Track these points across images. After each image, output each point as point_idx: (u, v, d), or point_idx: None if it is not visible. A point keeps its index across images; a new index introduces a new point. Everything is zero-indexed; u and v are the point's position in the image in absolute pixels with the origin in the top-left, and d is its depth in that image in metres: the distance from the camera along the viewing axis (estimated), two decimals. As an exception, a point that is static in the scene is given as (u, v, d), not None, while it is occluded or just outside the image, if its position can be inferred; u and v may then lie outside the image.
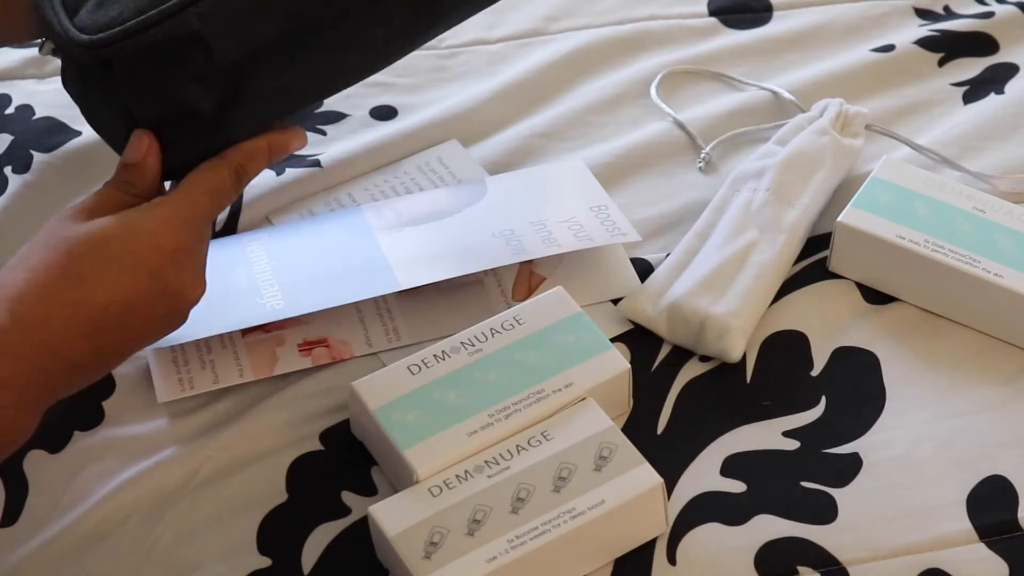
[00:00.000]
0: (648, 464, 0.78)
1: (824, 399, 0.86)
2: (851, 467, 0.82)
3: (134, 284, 0.71)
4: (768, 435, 0.84)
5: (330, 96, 0.81)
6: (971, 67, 1.08)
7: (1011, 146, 1.01)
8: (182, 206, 0.74)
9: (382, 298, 0.91)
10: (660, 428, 0.85)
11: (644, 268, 0.93)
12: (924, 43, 1.09)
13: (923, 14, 1.13)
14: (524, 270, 0.93)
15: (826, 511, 0.80)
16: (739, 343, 0.87)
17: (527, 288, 0.92)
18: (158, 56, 0.73)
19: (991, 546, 0.79)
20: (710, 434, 0.84)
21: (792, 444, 0.84)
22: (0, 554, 0.80)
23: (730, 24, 1.12)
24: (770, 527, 0.79)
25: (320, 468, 0.83)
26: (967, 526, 0.79)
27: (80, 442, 0.84)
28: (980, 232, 0.90)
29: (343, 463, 0.83)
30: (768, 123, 1.03)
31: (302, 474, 0.83)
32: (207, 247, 0.77)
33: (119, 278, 0.71)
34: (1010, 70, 1.07)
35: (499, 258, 0.90)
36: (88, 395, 0.86)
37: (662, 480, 0.77)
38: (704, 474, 0.82)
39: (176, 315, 0.75)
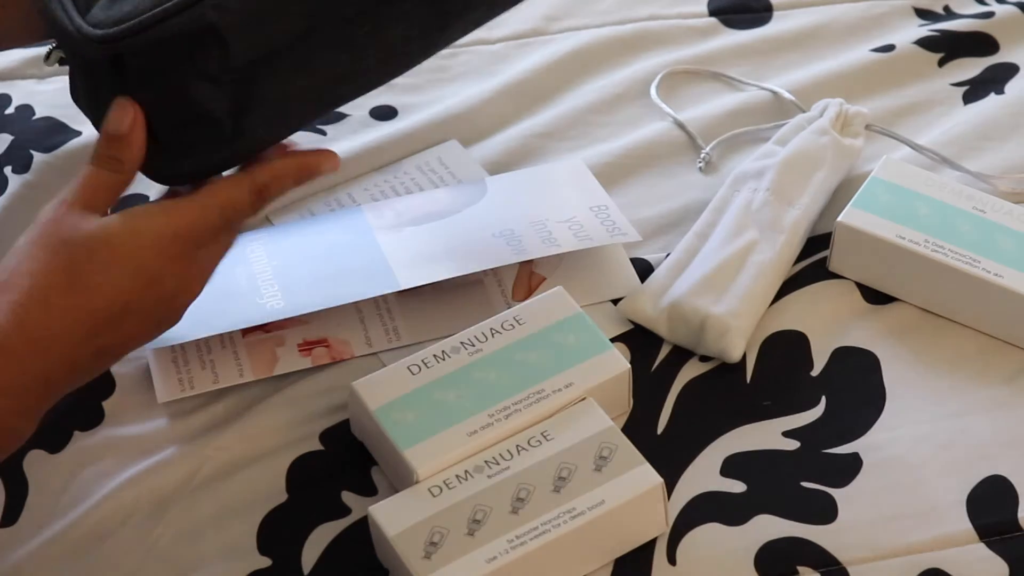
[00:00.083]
0: (648, 464, 0.78)
1: (824, 399, 0.86)
2: (851, 467, 0.82)
3: (134, 288, 0.72)
4: (768, 435, 0.84)
5: (346, 102, 0.79)
6: (971, 67, 1.08)
7: (1011, 146, 1.00)
8: (189, 213, 0.73)
9: (382, 298, 0.91)
10: (660, 428, 0.85)
11: (644, 268, 0.93)
12: (924, 43, 1.09)
13: (923, 14, 1.13)
14: (524, 270, 0.93)
15: (826, 511, 0.80)
16: (739, 343, 0.87)
17: (527, 288, 0.92)
18: (171, 51, 0.72)
19: (991, 546, 0.79)
20: (710, 434, 0.84)
21: (792, 444, 0.84)
22: (0, 554, 0.80)
23: (730, 24, 1.12)
24: (770, 527, 0.79)
25: (320, 468, 0.83)
26: (967, 526, 0.79)
27: (80, 442, 0.84)
28: (980, 232, 0.90)
29: (343, 463, 0.83)
30: (768, 123, 1.03)
31: (302, 474, 0.83)
32: (216, 254, 0.76)
33: (120, 282, 0.71)
34: (1010, 70, 1.07)
35: (499, 258, 0.90)
36: (88, 395, 0.86)
37: (662, 480, 0.77)
38: (704, 474, 0.82)
39: (172, 316, 0.75)
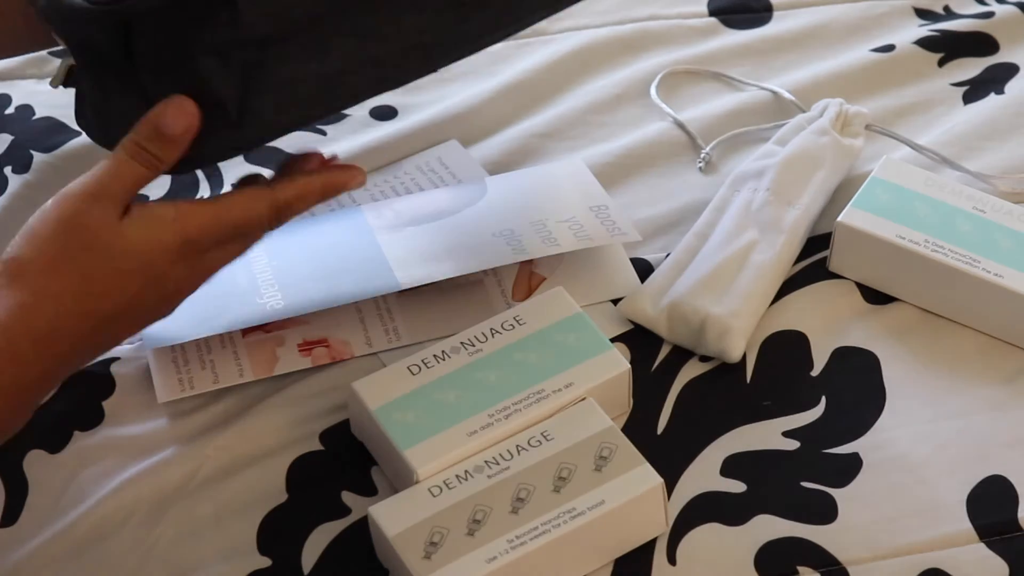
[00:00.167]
0: (648, 464, 0.78)
1: (824, 399, 0.86)
2: (851, 467, 0.82)
3: (140, 292, 0.72)
4: (768, 435, 0.84)
5: (361, 98, 0.77)
6: (971, 67, 1.08)
7: (1011, 146, 1.00)
8: (203, 221, 0.73)
9: (382, 298, 0.91)
10: (660, 428, 0.85)
11: (644, 268, 0.93)
12: (924, 43, 1.09)
13: (923, 14, 1.13)
14: (524, 270, 0.93)
15: (826, 511, 0.80)
16: (739, 343, 0.87)
17: (527, 288, 0.92)
18: (181, 16, 0.70)
19: (991, 546, 0.79)
20: (710, 434, 0.84)
21: (792, 444, 0.84)
22: (0, 554, 0.80)
23: (730, 24, 1.12)
24: (770, 527, 0.79)
25: (320, 468, 0.83)
26: (967, 526, 0.79)
27: (80, 442, 0.84)
28: (980, 232, 0.90)
29: (343, 463, 0.83)
30: (768, 123, 1.03)
31: (302, 474, 0.83)
32: (223, 259, 0.75)
33: (128, 287, 0.72)
34: (1010, 70, 1.07)
35: (499, 258, 0.90)
36: (88, 395, 0.86)
37: (662, 480, 0.77)
38: (704, 474, 0.82)
39: (167, 311, 0.76)
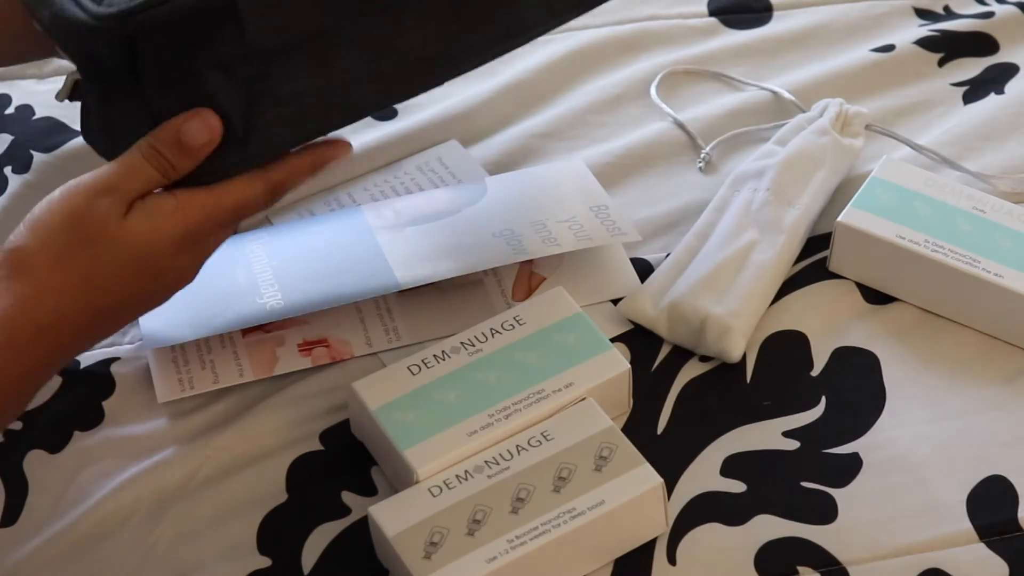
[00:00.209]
0: (648, 464, 0.78)
1: (824, 399, 0.86)
2: (851, 467, 0.82)
3: (141, 284, 0.73)
4: (768, 435, 0.84)
5: (370, 111, 0.77)
6: (971, 67, 1.08)
7: (1011, 146, 1.00)
8: (202, 211, 0.73)
9: (382, 298, 0.91)
10: (660, 428, 0.85)
11: (644, 268, 0.93)
12: (924, 43, 1.09)
13: (923, 14, 1.13)
14: (524, 270, 0.93)
15: (826, 511, 0.80)
16: (739, 343, 0.87)
17: (527, 288, 0.92)
18: (186, 31, 0.70)
19: (991, 546, 0.79)
20: (710, 434, 0.84)
21: (792, 444, 0.84)
22: (0, 554, 0.80)
23: (730, 24, 1.12)
24: (770, 527, 0.79)
25: (320, 468, 0.83)
26: (967, 526, 0.79)
27: (80, 442, 0.84)
28: (980, 232, 0.90)
29: (343, 463, 0.83)
30: (768, 123, 1.02)
31: (302, 474, 0.83)
32: (215, 244, 0.76)
33: (130, 281, 0.73)
34: (1010, 70, 1.07)
35: (499, 258, 0.90)
36: (88, 395, 0.86)
37: (662, 480, 0.77)
38: (704, 474, 0.82)
39: (163, 301, 0.76)
